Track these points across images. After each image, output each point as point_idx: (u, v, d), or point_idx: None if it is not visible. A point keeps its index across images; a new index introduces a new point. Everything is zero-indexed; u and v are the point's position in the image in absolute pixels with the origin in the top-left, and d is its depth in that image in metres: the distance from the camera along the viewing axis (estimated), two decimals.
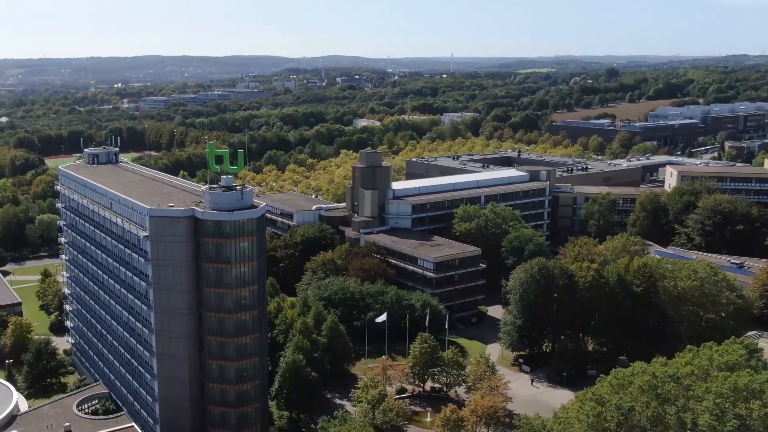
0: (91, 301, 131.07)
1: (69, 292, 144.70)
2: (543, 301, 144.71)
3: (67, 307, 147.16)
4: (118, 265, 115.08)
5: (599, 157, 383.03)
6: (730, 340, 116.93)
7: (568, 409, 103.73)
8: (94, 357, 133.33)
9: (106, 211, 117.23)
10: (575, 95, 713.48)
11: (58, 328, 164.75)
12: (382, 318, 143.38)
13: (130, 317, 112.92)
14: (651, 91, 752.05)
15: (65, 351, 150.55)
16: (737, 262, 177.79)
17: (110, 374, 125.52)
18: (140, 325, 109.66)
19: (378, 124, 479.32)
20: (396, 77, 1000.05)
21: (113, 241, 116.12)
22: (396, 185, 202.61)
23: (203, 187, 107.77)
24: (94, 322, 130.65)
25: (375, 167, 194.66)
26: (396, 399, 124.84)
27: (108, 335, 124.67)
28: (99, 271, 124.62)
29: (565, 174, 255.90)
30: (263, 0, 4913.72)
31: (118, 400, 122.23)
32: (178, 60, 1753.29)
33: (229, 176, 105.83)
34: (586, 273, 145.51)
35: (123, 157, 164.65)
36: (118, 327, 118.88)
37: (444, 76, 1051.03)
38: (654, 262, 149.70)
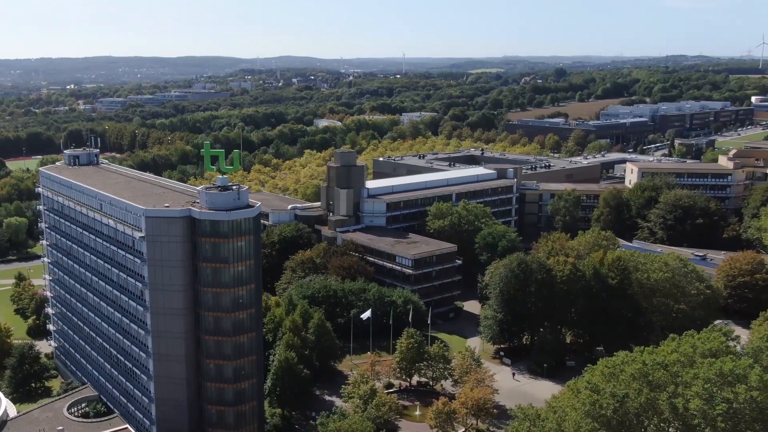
0: (77, 303, 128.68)
1: (52, 295, 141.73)
2: (522, 295, 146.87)
3: (50, 311, 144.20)
4: (109, 267, 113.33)
5: (556, 155, 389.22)
6: (709, 329, 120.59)
7: (559, 398, 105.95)
8: (81, 360, 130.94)
9: (95, 212, 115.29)
10: (527, 95, 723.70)
11: (36, 332, 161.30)
12: (367, 314, 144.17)
13: (124, 318, 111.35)
14: (599, 91, 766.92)
15: (46, 355, 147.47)
16: (700, 254, 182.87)
17: (99, 376, 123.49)
18: (135, 326, 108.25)
19: (339, 124, 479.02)
20: (351, 78, 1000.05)
21: (104, 243, 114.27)
22: (369, 184, 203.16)
23: (199, 187, 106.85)
24: (81, 324, 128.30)
25: (350, 167, 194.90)
26: (386, 394, 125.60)
27: (97, 337, 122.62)
28: (87, 272, 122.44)
29: (529, 171, 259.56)
30: (215, 1, 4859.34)
31: (108, 403, 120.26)
32: (131, 61, 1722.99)
33: (224, 176, 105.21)
34: (563, 267, 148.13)
35: None
36: (109, 329, 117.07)
37: (398, 76, 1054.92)
38: (627, 255, 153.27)
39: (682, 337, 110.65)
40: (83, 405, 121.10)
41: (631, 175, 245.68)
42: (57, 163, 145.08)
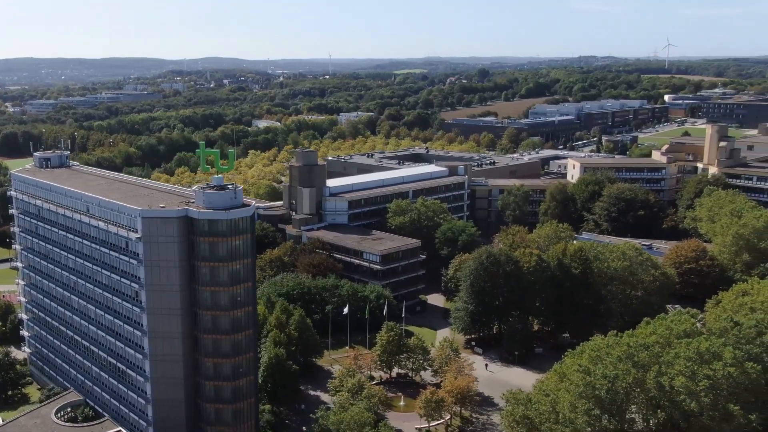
0: (58, 307, 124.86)
1: (26, 300, 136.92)
2: (491, 287, 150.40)
3: (23, 316, 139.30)
4: (99, 269, 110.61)
5: (491, 153, 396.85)
6: (676, 312, 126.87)
7: (546, 382, 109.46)
8: (63, 364, 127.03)
9: (81, 215, 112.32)
10: (456, 94, 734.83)
11: (2, 339, 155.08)
12: (345, 310, 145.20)
13: (115, 320, 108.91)
14: (523, 90, 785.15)
15: (18, 361, 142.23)
16: (647, 243, 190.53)
17: (85, 380, 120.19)
18: (129, 328, 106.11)
19: (278, 124, 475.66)
20: (281, 78, 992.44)
21: (92, 245, 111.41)
22: (330, 183, 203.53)
23: (194, 187, 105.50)
24: (63, 328, 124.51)
25: (312, 166, 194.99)
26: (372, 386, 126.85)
27: (82, 341, 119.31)
28: (70, 275, 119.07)
29: (476, 168, 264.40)
30: (137, 1, 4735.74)
31: (96, 407, 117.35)
32: (54, 62, 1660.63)
33: (220, 176, 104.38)
34: (529, 259, 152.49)
35: (23, 162, 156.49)
36: (98, 331, 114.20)
37: (327, 77, 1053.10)
38: (588, 246, 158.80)
39: (655, 321, 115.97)
40: (68, 410, 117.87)
41: (573, 171, 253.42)
42: (27, 166, 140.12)
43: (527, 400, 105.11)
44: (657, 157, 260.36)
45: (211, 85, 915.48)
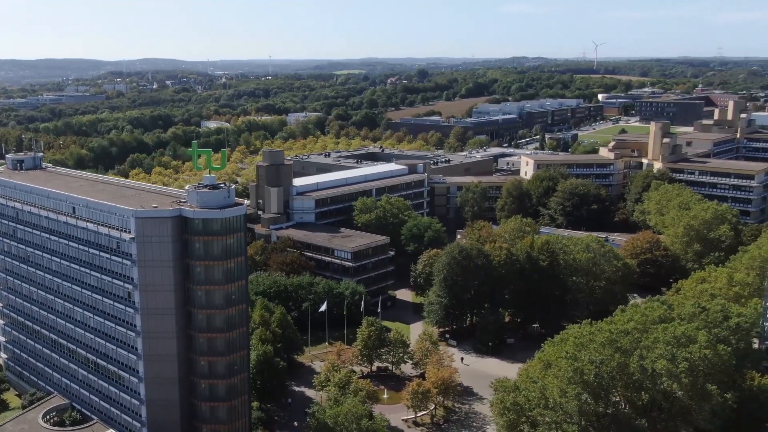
0: (39, 310, 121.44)
1: (2, 304, 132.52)
2: (463, 280, 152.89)
3: None
4: (87, 271, 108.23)
5: (440, 151, 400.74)
6: (647, 300, 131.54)
7: (530, 370, 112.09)
8: (45, 369, 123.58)
9: (67, 216, 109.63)
10: (399, 95, 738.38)
11: None
12: (323, 307, 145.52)
13: (106, 322, 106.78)
14: (463, 90, 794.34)
15: None
16: (603, 236, 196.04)
17: (71, 384, 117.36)
18: (122, 329, 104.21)
19: (228, 125, 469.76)
20: (224, 79, 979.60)
21: (79, 246, 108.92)
22: (296, 182, 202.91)
23: (186, 187, 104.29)
24: (45, 332, 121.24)
25: (279, 165, 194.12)
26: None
27: (67, 344, 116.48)
28: (53, 278, 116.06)
29: (432, 166, 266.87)
30: (72, 2, 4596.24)
31: (83, 410, 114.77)
32: None
33: (212, 175, 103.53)
34: (500, 252, 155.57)
35: None
36: (85, 333, 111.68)
37: (269, 77, 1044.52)
38: (554, 239, 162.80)
39: (630, 308, 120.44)
40: (53, 414, 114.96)
41: (526, 168, 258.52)
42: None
43: (515, 387, 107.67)
44: (604, 153, 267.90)
45: (154, 86, 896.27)
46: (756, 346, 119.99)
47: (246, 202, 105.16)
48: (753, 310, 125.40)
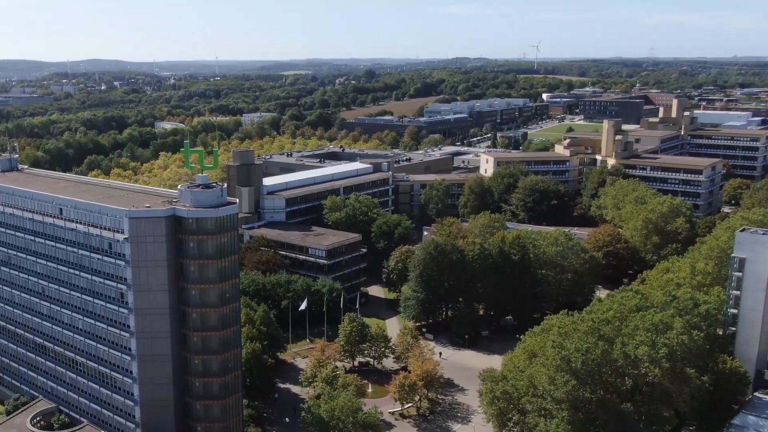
0: (23, 314, 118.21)
1: None
2: (438, 275, 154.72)
3: None
4: (76, 272, 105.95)
5: (396, 150, 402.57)
6: (621, 289, 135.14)
7: (514, 359, 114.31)
8: (28, 372, 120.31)
9: (54, 218, 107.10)
10: (350, 95, 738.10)
11: None
12: (304, 305, 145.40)
13: (97, 323, 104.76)
14: (412, 90, 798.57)
15: None
16: (565, 230, 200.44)
17: (57, 387, 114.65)
18: (114, 329, 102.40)
19: (182, 125, 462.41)
20: (172, 80, 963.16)
21: (67, 248, 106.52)
22: (266, 181, 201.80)
23: (179, 186, 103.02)
24: (29, 335, 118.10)
25: (249, 165, 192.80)
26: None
27: (54, 347, 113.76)
28: (39, 281, 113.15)
29: (394, 165, 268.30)
30: (13, 2, 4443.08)
31: (71, 413, 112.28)
32: None
33: (204, 174, 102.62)
34: (473, 248, 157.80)
35: None
36: (74, 336, 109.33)
37: (218, 78, 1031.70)
38: (524, 233, 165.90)
39: (607, 298, 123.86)
40: (38, 419, 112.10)
41: (486, 165, 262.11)
42: None
43: (502, 377, 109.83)
44: (560, 150, 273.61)
45: (102, 88, 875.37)
46: (720, 332, 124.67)
47: (236, 200, 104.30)
48: (716, 297, 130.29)
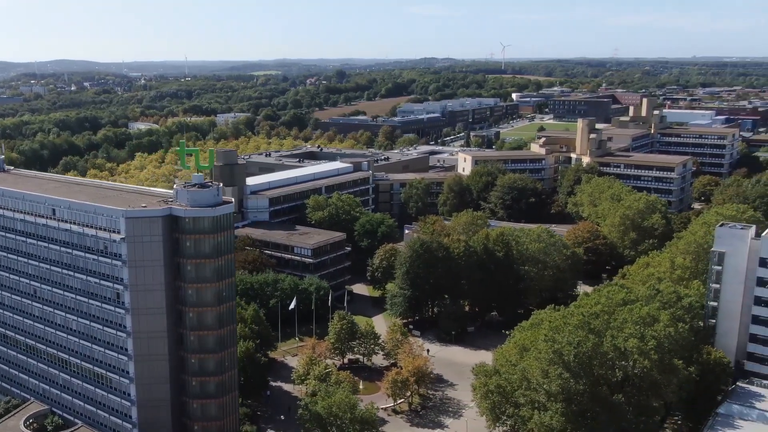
0: (13, 315, 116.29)
1: None
2: (425, 273, 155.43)
3: None
4: (70, 273, 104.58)
5: (370, 150, 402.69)
6: (606, 284, 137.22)
7: (505, 354, 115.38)
8: (19, 375, 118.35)
9: (47, 219, 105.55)
10: (322, 95, 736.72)
11: None
12: (293, 304, 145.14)
13: (92, 324, 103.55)
14: (383, 90, 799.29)
15: None
16: (547, 227, 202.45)
17: (50, 389, 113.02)
18: (111, 330, 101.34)
19: (157, 126, 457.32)
20: (143, 81, 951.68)
21: (60, 249, 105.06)
22: (249, 181, 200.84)
23: (175, 186, 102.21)
24: (20, 337, 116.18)
25: (233, 165, 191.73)
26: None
27: (46, 348, 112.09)
28: (30, 282, 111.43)
29: (373, 164, 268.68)
30: None
31: (65, 414, 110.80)
32: None
33: (200, 174, 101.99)
34: (458, 245, 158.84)
35: None
36: (68, 337, 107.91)
37: (188, 78, 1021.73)
38: (508, 230, 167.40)
39: (593, 293, 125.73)
40: (31, 421, 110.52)
41: (464, 163, 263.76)
42: None
43: (495, 371, 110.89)
44: (535, 149, 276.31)
45: (72, 88, 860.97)
46: (701, 324, 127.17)
47: (231, 199, 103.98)
48: (696, 291, 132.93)
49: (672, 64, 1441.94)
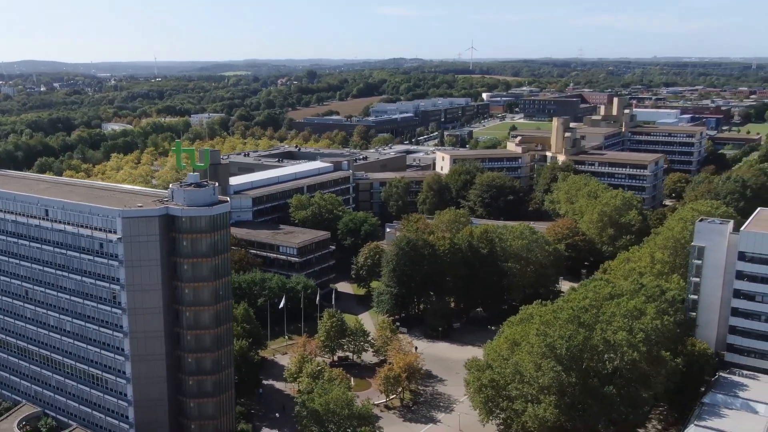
0: (5, 318, 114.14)
1: None
2: (411, 270, 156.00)
3: None
4: (64, 274, 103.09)
5: (346, 149, 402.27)
6: (591, 279, 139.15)
7: (495, 348, 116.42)
8: (10, 377, 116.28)
9: (39, 219, 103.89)
10: (295, 95, 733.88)
11: None
12: (282, 303, 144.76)
13: (87, 324, 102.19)
14: (355, 90, 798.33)
15: None
16: (527, 224, 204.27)
17: (43, 391, 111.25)
18: (107, 330, 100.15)
19: (131, 127, 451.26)
20: (113, 81, 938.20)
21: (54, 250, 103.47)
22: (231, 181, 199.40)
23: (171, 186, 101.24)
24: (11, 339, 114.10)
25: (216, 165, 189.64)
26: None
27: (39, 350, 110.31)
28: (22, 283, 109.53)
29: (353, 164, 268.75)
30: None
31: (59, 416, 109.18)
32: None
33: (195, 173, 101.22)
34: (444, 242, 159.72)
35: None
36: (61, 338, 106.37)
37: (159, 79, 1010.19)
38: (491, 227, 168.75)
39: (580, 288, 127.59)
40: (23, 424, 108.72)
41: (442, 162, 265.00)
42: None
43: (487, 366, 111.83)
44: (511, 147, 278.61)
45: (42, 89, 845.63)
46: (682, 317, 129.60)
47: (227, 197, 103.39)
48: (676, 284, 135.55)
49: (634, 65, 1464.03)
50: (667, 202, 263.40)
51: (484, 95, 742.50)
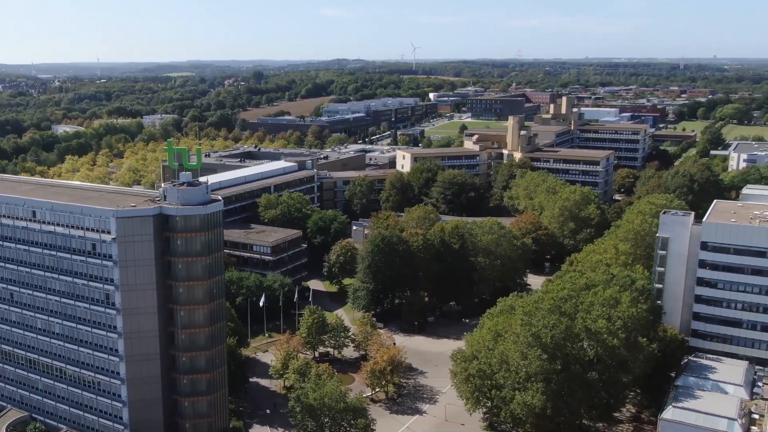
0: None
1: None
2: (385, 266, 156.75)
3: None
4: (55, 276, 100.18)
5: (301, 149, 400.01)
6: (565, 271, 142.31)
7: (478, 339, 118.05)
8: None
9: (27, 221, 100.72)
10: (244, 96, 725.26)
11: None
12: (262, 301, 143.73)
13: (79, 326, 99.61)
14: (303, 91, 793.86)
15: None
16: (495, 219, 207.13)
17: (30, 395, 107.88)
18: (100, 331, 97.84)
19: (83, 129, 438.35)
20: (57, 83, 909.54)
21: (43, 251, 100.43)
22: None
23: (163, 185, 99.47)
24: None
25: None
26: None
27: (25, 353, 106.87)
28: (7, 287, 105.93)
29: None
30: None
31: (47, 420, 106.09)
32: None
33: (188, 173, 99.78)
34: (417, 238, 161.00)
35: None
36: (50, 341, 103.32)
37: (104, 80, 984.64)
38: (461, 223, 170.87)
39: (555, 279, 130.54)
40: (11, 429, 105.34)
41: (403, 161, 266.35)
42: None
43: (473, 356, 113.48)
44: (470, 145, 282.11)
45: None
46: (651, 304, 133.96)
47: (220, 197, 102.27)
48: (641, 274, 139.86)
49: (569, 65, 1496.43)
50: (617, 196, 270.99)
51: (432, 95, 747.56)
